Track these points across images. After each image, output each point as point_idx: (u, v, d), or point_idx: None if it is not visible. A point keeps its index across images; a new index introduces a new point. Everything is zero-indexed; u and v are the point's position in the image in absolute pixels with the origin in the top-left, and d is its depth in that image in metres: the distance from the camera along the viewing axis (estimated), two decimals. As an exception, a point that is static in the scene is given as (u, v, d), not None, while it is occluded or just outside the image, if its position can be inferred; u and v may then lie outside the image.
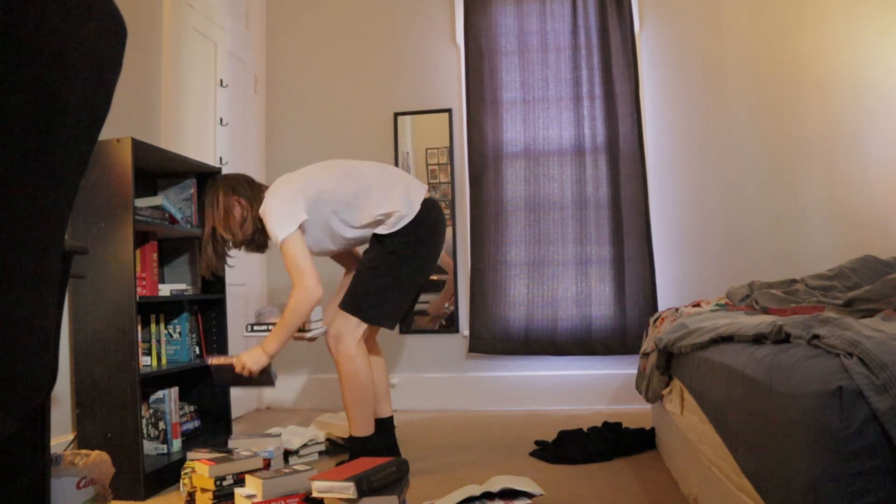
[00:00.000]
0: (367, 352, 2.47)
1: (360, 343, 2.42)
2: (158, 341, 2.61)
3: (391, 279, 2.44)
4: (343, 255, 2.77)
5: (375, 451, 2.36)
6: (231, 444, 2.50)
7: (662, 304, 3.63)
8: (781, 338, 1.25)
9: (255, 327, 2.55)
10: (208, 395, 2.84)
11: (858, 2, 3.63)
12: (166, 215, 2.60)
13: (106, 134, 2.47)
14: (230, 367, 2.39)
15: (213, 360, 2.40)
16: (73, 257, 1.53)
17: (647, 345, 2.45)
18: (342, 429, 2.81)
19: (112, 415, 2.22)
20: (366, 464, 1.92)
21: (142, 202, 2.51)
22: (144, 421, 2.48)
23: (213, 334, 2.86)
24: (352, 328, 2.42)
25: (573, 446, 2.59)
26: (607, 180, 3.68)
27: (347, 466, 1.91)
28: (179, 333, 2.70)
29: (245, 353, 2.41)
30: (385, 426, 2.56)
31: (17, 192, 0.67)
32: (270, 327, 2.51)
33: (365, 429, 2.40)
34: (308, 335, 2.53)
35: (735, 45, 3.72)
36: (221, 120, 3.56)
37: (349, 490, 1.76)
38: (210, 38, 3.48)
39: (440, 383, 3.79)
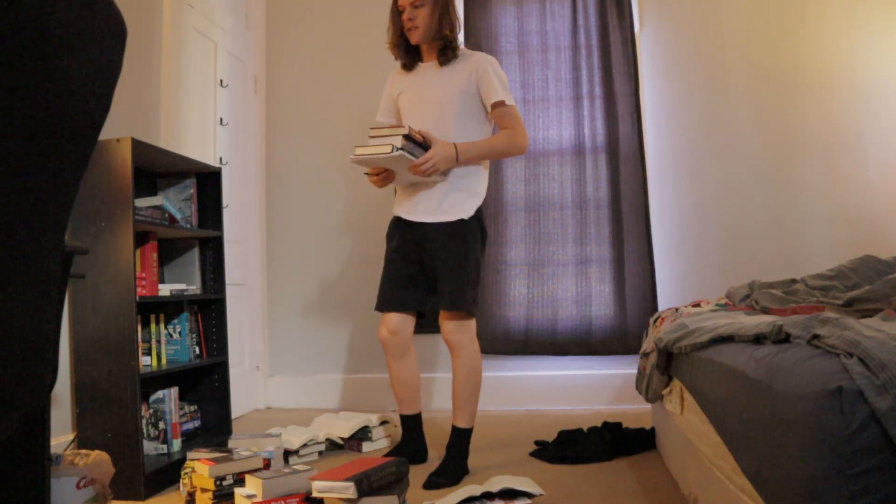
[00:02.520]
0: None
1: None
2: (158, 341, 2.61)
3: (479, 267, 2.48)
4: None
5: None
6: (231, 444, 2.50)
7: (662, 304, 3.63)
8: (781, 338, 1.25)
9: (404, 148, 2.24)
10: (208, 395, 2.84)
11: (858, 2, 3.63)
12: (166, 215, 2.60)
13: (106, 134, 2.47)
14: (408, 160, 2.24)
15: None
16: (73, 257, 1.53)
17: (647, 345, 2.45)
18: (342, 429, 2.81)
19: (112, 415, 2.22)
20: (366, 464, 1.92)
21: (142, 202, 2.51)
22: (144, 421, 2.48)
23: (213, 334, 2.86)
24: (473, 323, 2.47)
25: (573, 446, 2.59)
26: (607, 180, 3.68)
27: (347, 466, 1.91)
28: (179, 333, 2.70)
29: (440, 148, 2.31)
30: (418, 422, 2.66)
31: (17, 192, 0.67)
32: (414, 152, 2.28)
33: (473, 421, 2.50)
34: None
35: (735, 45, 3.72)
36: (221, 120, 3.56)
37: (349, 490, 1.76)
38: (210, 38, 3.48)
39: (440, 383, 3.79)
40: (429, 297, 2.51)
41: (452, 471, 2.32)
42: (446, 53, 2.48)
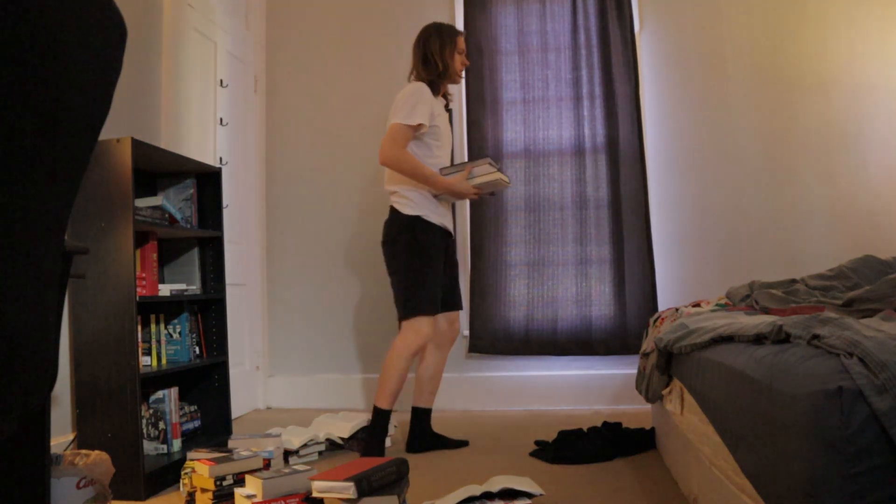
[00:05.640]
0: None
1: None
2: (158, 341, 2.61)
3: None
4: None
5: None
6: (231, 444, 2.50)
7: (662, 304, 3.63)
8: (781, 338, 1.25)
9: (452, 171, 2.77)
10: (208, 395, 2.84)
11: (858, 2, 3.63)
12: (166, 215, 2.60)
13: (106, 134, 2.47)
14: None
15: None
16: (73, 257, 1.53)
17: (647, 345, 2.45)
18: (342, 429, 2.81)
19: (112, 415, 2.22)
20: (366, 464, 1.92)
21: (142, 202, 2.51)
22: (144, 421, 2.49)
23: (213, 334, 2.86)
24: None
25: (573, 446, 2.59)
26: (607, 180, 3.68)
27: (347, 466, 1.91)
28: (179, 333, 2.70)
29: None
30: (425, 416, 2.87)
31: (17, 192, 0.67)
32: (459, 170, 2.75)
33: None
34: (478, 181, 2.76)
35: (735, 45, 3.72)
36: (221, 120, 3.56)
37: (349, 490, 1.76)
38: (210, 38, 3.48)
39: (440, 383, 3.78)
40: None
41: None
42: (447, 97, 2.94)
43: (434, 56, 2.76)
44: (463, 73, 2.86)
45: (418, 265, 2.65)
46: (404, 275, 2.65)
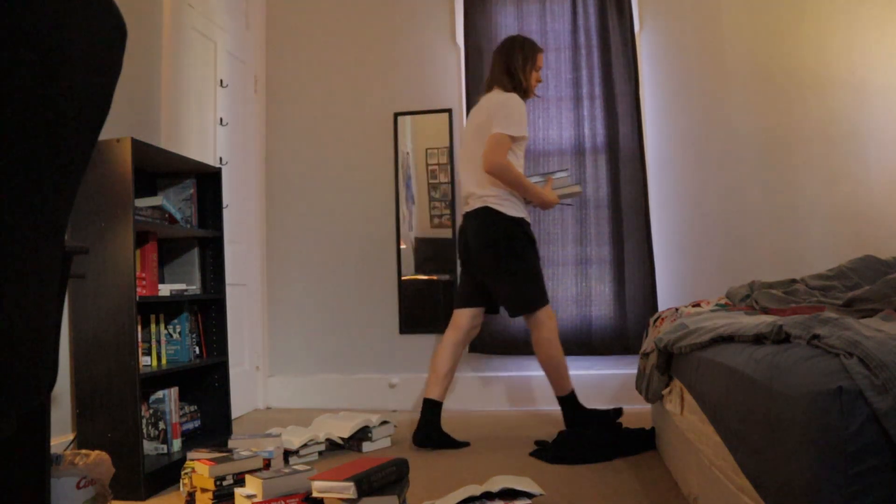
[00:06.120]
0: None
1: None
2: (158, 341, 2.61)
3: None
4: None
5: None
6: (231, 444, 2.50)
7: (662, 304, 3.63)
8: (781, 338, 1.25)
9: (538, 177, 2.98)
10: (208, 395, 2.84)
11: (858, 2, 3.63)
12: (166, 215, 2.60)
13: (106, 134, 2.47)
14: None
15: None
16: (73, 257, 1.53)
17: (647, 345, 2.45)
18: (342, 429, 2.81)
19: (112, 415, 2.22)
20: (366, 464, 1.92)
21: (142, 202, 2.51)
22: (144, 421, 2.48)
23: (213, 334, 2.86)
24: None
25: (573, 446, 2.59)
26: (607, 180, 3.68)
27: (347, 466, 1.92)
28: (179, 333, 2.70)
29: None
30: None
31: (17, 192, 0.67)
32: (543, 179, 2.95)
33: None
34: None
35: (735, 45, 3.72)
36: (221, 120, 3.56)
37: (349, 490, 1.76)
38: (210, 38, 3.48)
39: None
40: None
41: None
42: None
43: (517, 71, 2.89)
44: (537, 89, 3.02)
45: (532, 261, 2.81)
46: (521, 272, 2.78)
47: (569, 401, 2.84)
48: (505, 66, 2.91)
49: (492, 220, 2.77)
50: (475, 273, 2.88)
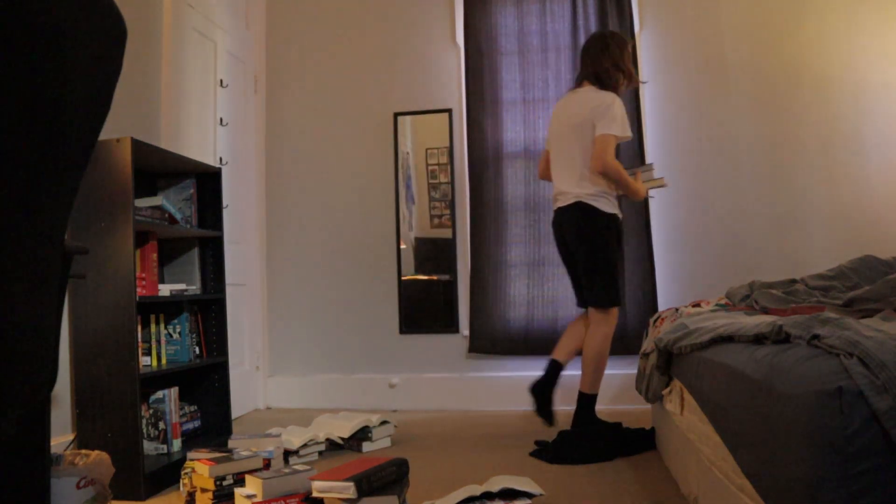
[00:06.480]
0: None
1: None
2: (158, 341, 2.61)
3: None
4: None
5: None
6: (231, 444, 2.50)
7: (662, 304, 3.63)
8: (781, 338, 1.25)
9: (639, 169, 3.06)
10: (208, 395, 2.84)
11: (858, 2, 3.63)
12: (166, 215, 2.60)
13: (106, 134, 2.47)
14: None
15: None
16: (73, 257, 1.53)
17: (647, 345, 2.45)
18: (342, 428, 2.81)
19: (112, 415, 2.22)
20: (366, 464, 1.92)
21: (142, 202, 2.51)
22: (144, 421, 2.48)
23: (213, 334, 2.86)
24: None
25: (573, 446, 2.59)
26: (607, 180, 3.67)
27: (347, 466, 1.92)
28: (179, 333, 2.70)
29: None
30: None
31: (17, 192, 0.67)
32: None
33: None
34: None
35: (735, 45, 3.72)
36: (221, 120, 3.56)
37: (349, 490, 1.76)
38: (210, 38, 3.48)
39: (440, 383, 3.79)
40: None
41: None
42: None
43: (618, 63, 2.89)
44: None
45: (618, 259, 2.91)
46: (607, 268, 2.83)
47: (589, 402, 2.86)
48: (604, 64, 2.89)
49: (588, 215, 2.84)
50: (574, 265, 2.97)
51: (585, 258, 2.85)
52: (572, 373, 3.68)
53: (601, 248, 2.82)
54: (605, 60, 2.87)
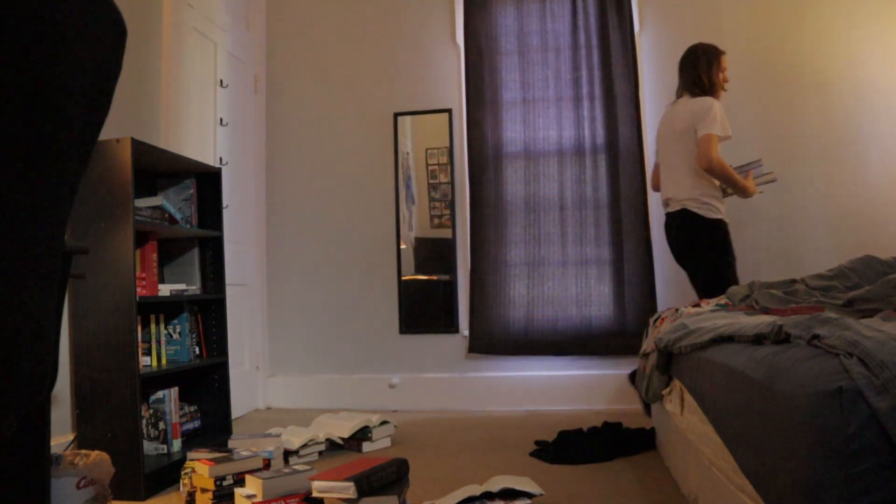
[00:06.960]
0: None
1: None
2: (158, 341, 2.61)
3: None
4: None
5: None
6: (231, 444, 2.50)
7: (662, 305, 3.63)
8: (781, 338, 1.25)
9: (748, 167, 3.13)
10: (208, 395, 2.84)
11: (858, 2, 3.63)
12: (166, 215, 2.60)
13: (106, 134, 2.47)
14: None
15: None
16: (73, 257, 1.53)
17: (647, 345, 2.45)
18: (342, 428, 2.81)
19: (112, 415, 2.22)
20: (366, 464, 1.92)
21: (142, 202, 2.51)
22: (144, 421, 2.48)
23: (213, 334, 2.86)
24: None
25: (573, 446, 2.59)
26: (607, 181, 3.68)
27: (347, 466, 1.92)
28: (179, 333, 2.70)
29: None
30: None
31: (17, 192, 0.67)
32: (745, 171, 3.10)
33: None
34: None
35: (735, 45, 3.72)
36: (221, 120, 3.56)
37: (349, 490, 1.76)
38: (210, 38, 3.48)
39: (440, 383, 3.79)
40: None
41: None
42: None
43: (703, 75, 3.03)
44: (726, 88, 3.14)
45: (728, 263, 2.98)
46: (714, 273, 2.94)
47: None
48: (694, 73, 3.04)
49: (692, 222, 2.97)
50: (685, 265, 3.11)
51: (692, 263, 3.05)
52: (583, 373, 3.68)
53: (706, 254, 2.98)
54: (695, 71, 3.04)
